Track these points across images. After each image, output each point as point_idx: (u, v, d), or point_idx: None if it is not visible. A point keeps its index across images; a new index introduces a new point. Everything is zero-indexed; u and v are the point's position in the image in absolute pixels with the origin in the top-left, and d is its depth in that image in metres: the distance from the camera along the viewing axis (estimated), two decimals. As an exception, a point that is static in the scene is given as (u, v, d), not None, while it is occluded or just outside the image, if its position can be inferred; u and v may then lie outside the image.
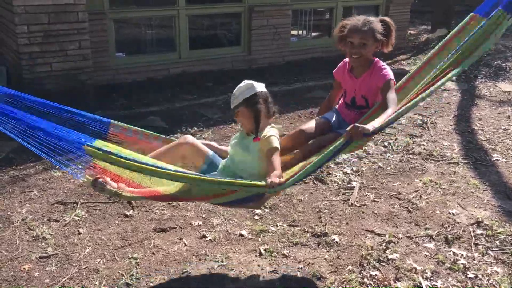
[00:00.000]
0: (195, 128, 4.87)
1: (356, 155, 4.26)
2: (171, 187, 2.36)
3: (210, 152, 2.64)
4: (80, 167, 2.14)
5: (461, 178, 3.98)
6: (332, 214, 3.42)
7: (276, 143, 2.41)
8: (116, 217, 3.33)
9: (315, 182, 3.84)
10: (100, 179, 2.20)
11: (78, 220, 3.27)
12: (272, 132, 2.45)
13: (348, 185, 3.82)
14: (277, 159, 2.39)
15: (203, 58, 6.65)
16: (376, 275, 2.79)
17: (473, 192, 3.75)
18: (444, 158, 4.33)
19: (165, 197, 2.44)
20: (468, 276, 2.80)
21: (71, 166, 2.10)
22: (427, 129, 5.01)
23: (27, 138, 2.01)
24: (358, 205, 3.55)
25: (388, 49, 2.75)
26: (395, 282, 2.73)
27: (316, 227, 3.24)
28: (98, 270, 2.79)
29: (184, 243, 3.06)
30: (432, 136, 4.83)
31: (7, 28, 5.45)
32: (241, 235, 3.15)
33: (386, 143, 4.58)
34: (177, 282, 2.71)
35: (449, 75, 2.56)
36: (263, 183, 2.26)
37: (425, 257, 2.97)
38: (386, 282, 2.72)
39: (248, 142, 2.51)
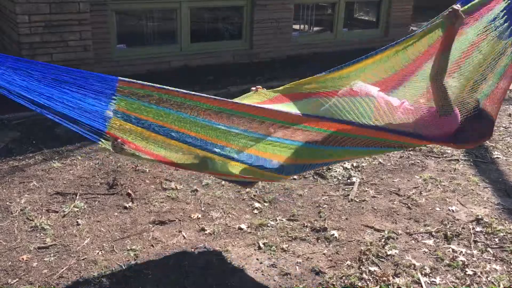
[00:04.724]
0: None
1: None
2: (186, 156, 2.36)
3: None
4: (96, 135, 2.12)
5: (461, 175, 3.97)
6: (332, 209, 3.41)
7: None
8: (115, 208, 3.32)
9: (315, 177, 3.83)
10: (119, 139, 2.20)
11: (77, 211, 3.26)
12: None
13: (348, 181, 3.82)
14: None
15: (205, 51, 6.62)
16: (375, 270, 2.78)
17: (473, 190, 3.74)
18: (444, 155, 4.32)
19: (183, 166, 2.44)
20: (466, 273, 2.80)
21: (88, 133, 2.08)
22: (428, 125, 5.00)
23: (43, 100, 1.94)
24: (357, 200, 3.54)
25: None
26: (393, 278, 2.73)
27: (315, 222, 3.24)
28: (96, 261, 2.79)
29: (183, 236, 3.06)
30: (433, 133, 4.82)
31: (8, 18, 5.43)
32: (240, 228, 3.15)
33: (386, 139, 4.58)
34: (175, 275, 2.71)
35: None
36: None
37: (424, 253, 2.97)
38: (384, 278, 2.72)
39: None
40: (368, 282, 2.70)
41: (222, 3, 6.93)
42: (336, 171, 3.92)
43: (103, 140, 2.15)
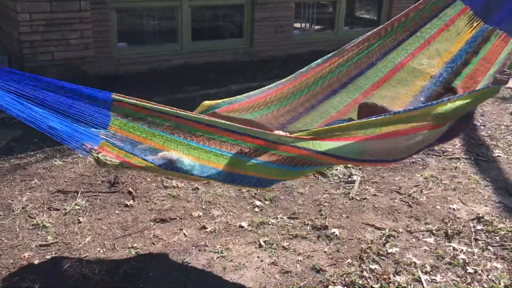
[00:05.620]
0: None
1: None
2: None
3: None
4: (89, 143, 2.13)
5: (462, 173, 3.97)
6: (333, 208, 3.42)
7: None
8: (116, 206, 3.33)
9: (315, 175, 3.83)
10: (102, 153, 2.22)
11: (78, 209, 3.27)
12: None
13: (349, 179, 3.82)
14: None
15: (205, 50, 6.63)
16: (375, 269, 2.79)
17: (474, 188, 3.74)
18: (445, 153, 4.32)
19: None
20: (467, 271, 2.80)
21: (82, 142, 2.10)
22: (428, 124, 5.00)
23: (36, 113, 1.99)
24: (358, 199, 3.55)
25: None
26: (394, 276, 2.73)
27: (316, 220, 3.24)
28: (98, 259, 2.79)
29: (184, 234, 3.06)
30: (433, 131, 4.82)
31: (9, 16, 5.43)
32: (241, 226, 3.15)
33: (387, 138, 4.58)
34: (176, 273, 2.72)
35: None
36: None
37: (424, 251, 2.97)
38: (385, 276, 2.72)
39: None
40: (368, 280, 2.70)
41: (222, 2, 6.93)
42: (337, 170, 3.92)
43: (93, 154, 2.17)
